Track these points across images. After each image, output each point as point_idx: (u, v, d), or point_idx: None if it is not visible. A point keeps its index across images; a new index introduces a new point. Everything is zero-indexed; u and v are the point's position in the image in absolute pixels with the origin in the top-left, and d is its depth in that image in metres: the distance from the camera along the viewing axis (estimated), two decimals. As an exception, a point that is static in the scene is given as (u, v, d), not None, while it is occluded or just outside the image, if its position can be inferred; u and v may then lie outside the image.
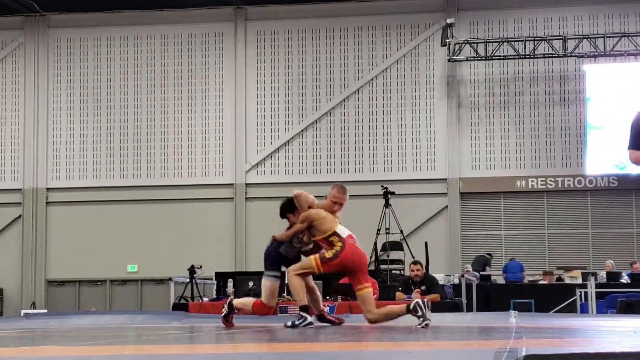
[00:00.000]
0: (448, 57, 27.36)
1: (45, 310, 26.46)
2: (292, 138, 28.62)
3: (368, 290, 10.01)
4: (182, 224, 28.34)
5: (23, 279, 28.91)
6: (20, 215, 29.14)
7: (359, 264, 10.09)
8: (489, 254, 25.99)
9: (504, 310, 15.92)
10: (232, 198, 28.42)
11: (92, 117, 29.28)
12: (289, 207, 10.57)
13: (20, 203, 29.17)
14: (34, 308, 27.73)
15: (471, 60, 27.61)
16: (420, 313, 9.27)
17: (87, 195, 28.95)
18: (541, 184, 27.66)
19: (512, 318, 11.30)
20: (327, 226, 10.12)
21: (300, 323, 9.80)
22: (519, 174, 27.76)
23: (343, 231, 10.27)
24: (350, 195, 28.73)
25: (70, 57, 29.56)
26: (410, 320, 11.71)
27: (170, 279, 21.75)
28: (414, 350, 4.83)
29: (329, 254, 10.02)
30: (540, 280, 23.85)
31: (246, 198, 28.45)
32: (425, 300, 9.95)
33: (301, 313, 9.98)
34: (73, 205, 29.07)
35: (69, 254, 28.70)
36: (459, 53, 27.36)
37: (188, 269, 20.92)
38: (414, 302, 9.43)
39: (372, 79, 28.50)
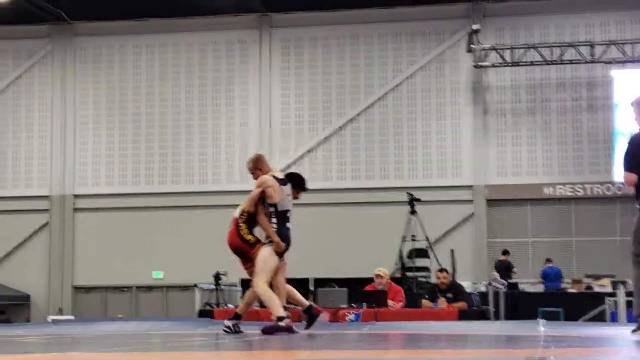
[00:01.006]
0: (474, 64, 27.27)
1: (72, 317, 26.57)
2: (317, 145, 28.60)
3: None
4: (208, 230, 28.32)
5: (50, 286, 29.04)
6: (47, 222, 29.29)
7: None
8: (505, 252, 25.68)
9: (531, 319, 15.80)
10: (258, 205, 28.39)
11: (119, 124, 29.40)
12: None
13: (48, 210, 29.31)
14: (61, 314, 27.84)
15: (497, 66, 27.50)
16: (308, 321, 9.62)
17: (114, 202, 29.05)
18: (569, 191, 27.48)
19: (541, 326, 11.21)
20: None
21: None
22: (546, 181, 27.60)
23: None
24: (375, 202, 28.80)
25: (97, 64, 29.70)
26: (436, 327, 11.68)
27: (195, 285, 21.76)
28: (442, 358, 4.78)
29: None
30: (568, 288, 23.66)
31: (272, 205, 28.38)
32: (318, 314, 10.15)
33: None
34: (99, 211, 29.19)
35: (96, 260, 28.81)
36: (485, 59, 27.26)
37: (213, 276, 20.92)
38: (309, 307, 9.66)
39: (397, 86, 28.45)
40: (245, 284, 21.34)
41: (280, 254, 9.98)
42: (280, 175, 10.48)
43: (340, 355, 5.33)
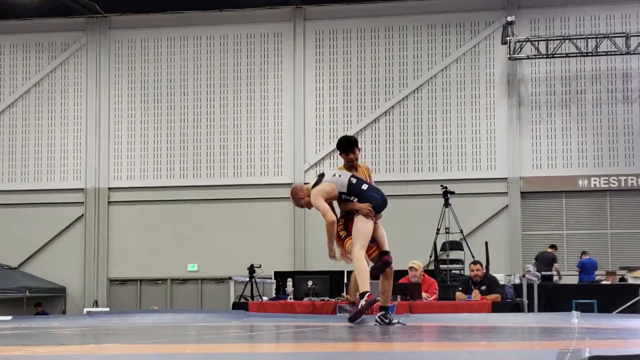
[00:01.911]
0: (509, 55, 27.13)
1: (108, 309, 26.75)
2: (351, 137, 28.53)
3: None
4: (242, 223, 28.45)
5: (86, 278, 29.27)
6: (82, 215, 29.50)
7: None
8: (553, 246, 25.60)
9: (565, 311, 15.72)
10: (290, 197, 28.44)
11: (153, 117, 29.54)
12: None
13: (83, 203, 29.53)
14: (97, 306, 28.06)
15: (532, 58, 27.35)
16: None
17: (148, 195, 29.21)
18: (604, 183, 27.30)
19: (575, 318, 11.15)
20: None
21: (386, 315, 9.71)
22: (581, 173, 27.43)
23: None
24: (409, 195, 28.71)
25: (131, 57, 29.85)
26: (470, 319, 11.65)
27: (230, 278, 21.82)
28: (476, 350, 4.77)
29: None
30: (603, 280, 23.51)
31: (305, 198, 28.40)
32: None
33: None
34: (134, 204, 29.36)
35: (131, 253, 29.00)
36: (520, 51, 27.12)
37: (247, 268, 20.96)
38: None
39: (432, 78, 28.37)
40: (279, 275, 21.47)
41: (372, 215, 10.00)
42: (313, 181, 10.41)
43: (375, 348, 5.33)
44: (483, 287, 16.26)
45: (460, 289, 16.75)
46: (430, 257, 22.61)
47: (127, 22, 29.89)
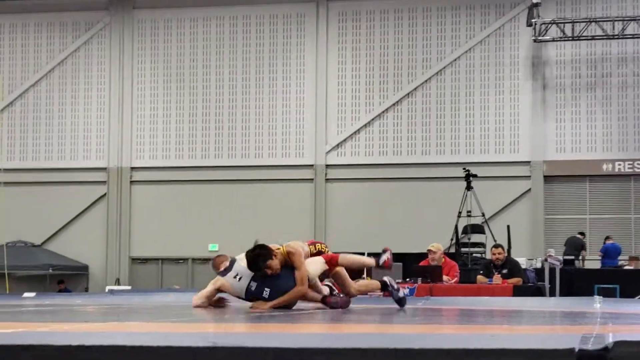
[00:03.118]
0: (534, 38, 26.97)
1: (129, 287, 26.88)
2: (372, 119, 28.53)
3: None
4: (262, 204, 28.49)
5: (108, 256, 29.41)
6: (105, 194, 29.62)
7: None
8: (582, 233, 25.52)
9: (587, 296, 15.66)
10: (312, 179, 28.47)
11: (175, 97, 29.58)
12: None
13: (105, 182, 29.65)
14: (118, 284, 28.19)
15: (557, 40, 27.17)
16: (391, 288, 9.26)
17: (170, 175, 29.29)
18: (628, 168, 27.13)
19: (597, 303, 11.10)
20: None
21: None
22: (605, 157, 27.27)
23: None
24: (431, 178, 28.61)
25: (155, 37, 29.87)
26: (491, 302, 11.62)
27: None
28: (498, 333, 4.76)
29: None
30: (625, 265, 23.41)
31: (326, 179, 28.47)
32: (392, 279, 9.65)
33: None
34: (156, 184, 29.46)
35: (152, 232, 29.11)
36: (545, 33, 26.94)
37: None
38: (385, 278, 9.37)
39: (455, 60, 28.24)
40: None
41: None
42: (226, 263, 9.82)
43: (395, 330, 5.33)
44: (504, 271, 16.22)
45: (481, 272, 16.71)
46: (452, 240, 22.59)
47: (151, 2, 29.90)
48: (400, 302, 9.29)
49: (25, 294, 15.78)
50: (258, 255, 8.86)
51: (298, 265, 9.02)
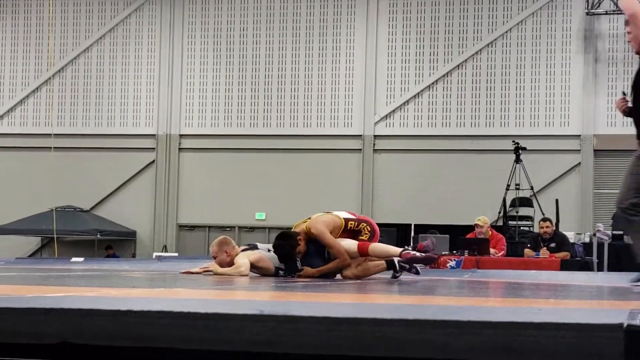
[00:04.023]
0: (586, 10, 26.62)
1: (176, 254, 27.12)
2: (422, 90, 28.39)
3: None
4: (310, 173, 28.53)
5: (155, 223, 29.66)
6: (154, 161, 29.83)
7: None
8: None
9: (635, 271, 15.51)
10: (360, 149, 28.43)
11: (225, 65, 29.63)
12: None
13: (154, 149, 29.84)
14: (165, 251, 28.45)
15: (611, 13, 26.78)
16: (398, 269, 9.18)
17: (218, 143, 29.40)
18: (680, 143, 26.73)
19: (645, 279, 10.96)
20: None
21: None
22: (656, 132, 26.88)
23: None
24: (480, 150, 28.44)
25: (205, 5, 29.89)
26: (538, 276, 11.57)
27: (297, 227, 21.92)
28: (544, 307, 4.74)
29: None
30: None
31: (374, 150, 28.41)
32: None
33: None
34: (204, 152, 29.60)
35: (200, 199, 29.29)
36: (598, 6, 26.57)
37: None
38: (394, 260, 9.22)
39: (507, 32, 27.96)
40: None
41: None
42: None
43: (441, 302, 5.32)
44: (552, 245, 16.15)
45: (529, 245, 16.66)
46: (499, 213, 22.49)
47: (202, -30, 29.91)
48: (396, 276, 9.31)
49: (74, 259, 16.02)
50: (287, 247, 8.94)
51: (329, 245, 9.05)
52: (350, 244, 9.23)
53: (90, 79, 30.39)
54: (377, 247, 9.33)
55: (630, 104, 8.03)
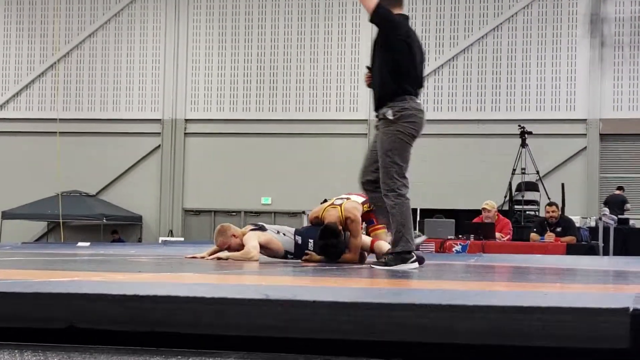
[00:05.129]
0: (592, -6, 26.54)
1: (182, 238, 27.17)
2: (427, 75, 28.27)
3: None
4: (316, 158, 28.52)
5: (161, 207, 29.69)
6: (159, 145, 29.84)
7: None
8: (620, 188, 25.22)
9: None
10: (366, 134, 28.41)
11: (230, 49, 29.60)
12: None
13: (160, 133, 29.85)
14: (171, 236, 28.50)
15: (617, -3, 26.71)
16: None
17: (224, 128, 29.40)
18: (686, 127, 26.72)
19: (651, 263, 10.99)
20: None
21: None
22: (662, 116, 26.88)
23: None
24: (486, 134, 28.41)
25: (210, -10, 29.84)
26: (544, 260, 11.58)
27: (303, 212, 21.96)
28: (550, 291, 4.74)
29: None
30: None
31: (380, 134, 28.33)
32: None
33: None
34: (210, 136, 29.60)
35: (205, 184, 29.31)
36: (605, -10, 26.49)
37: (321, 203, 21.05)
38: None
39: (513, 16, 27.88)
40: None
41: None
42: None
43: (447, 286, 5.33)
44: (558, 229, 16.16)
45: (534, 230, 16.66)
46: (505, 197, 22.49)
47: (207, -46, 29.85)
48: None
49: (80, 243, 16.06)
50: (341, 245, 8.90)
51: (355, 234, 9.08)
52: (367, 240, 9.31)
53: (95, 64, 30.38)
54: (380, 245, 9.23)
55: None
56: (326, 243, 8.92)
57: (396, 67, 7.91)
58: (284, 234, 9.34)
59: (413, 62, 7.91)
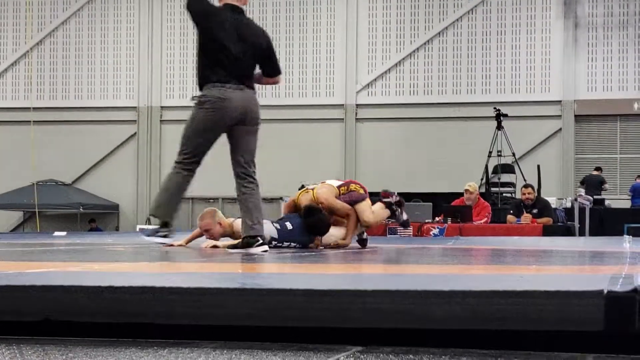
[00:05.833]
0: (566, -24, 26.60)
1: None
2: (403, 59, 28.35)
3: None
4: (293, 144, 28.49)
5: (138, 195, 29.60)
6: (135, 133, 29.73)
7: None
8: (598, 168, 25.37)
9: (617, 235, 15.62)
10: (343, 119, 28.42)
11: (205, 36, 29.45)
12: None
13: (135, 121, 29.73)
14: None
15: (590, -22, 26.79)
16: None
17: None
18: (660, 107, 26.89)
19: (627, 243, 11.06)
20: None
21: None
22: (636, 96, 27.02)
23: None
24: (462, 117, 28.45)
25: (184, -24, 29.67)
26: (520, 242, 11.63)
27: (281, 198, 21.96)
28: (526, 274, 4.76)
29: None
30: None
31: (356, 119, 28.41)
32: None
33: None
34: (184, 124, 29.43)
35: (182, 171, 29.17)
36: (578, -29, 26.56)
37: (299, 189, 21.05)
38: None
39: (487, -2, 27.95)
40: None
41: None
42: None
43: (423, 270, 5.34)
44: (534, 211, 16.20)
45: (511, 212, 16.70)
46: (482, 180, 22.54)
47: (180, -60, 29.70)
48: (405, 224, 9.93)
49: (56, 233, 15.96)
50: (326, 219, 9.09)
51: (337, 209, 9.25)
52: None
53: (69, 52, 30.20)
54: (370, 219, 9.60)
55: None
56: (313, 219, 9.06)
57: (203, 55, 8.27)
58: (266, 222, 9.37)
59: (223, 51, 8.04)
